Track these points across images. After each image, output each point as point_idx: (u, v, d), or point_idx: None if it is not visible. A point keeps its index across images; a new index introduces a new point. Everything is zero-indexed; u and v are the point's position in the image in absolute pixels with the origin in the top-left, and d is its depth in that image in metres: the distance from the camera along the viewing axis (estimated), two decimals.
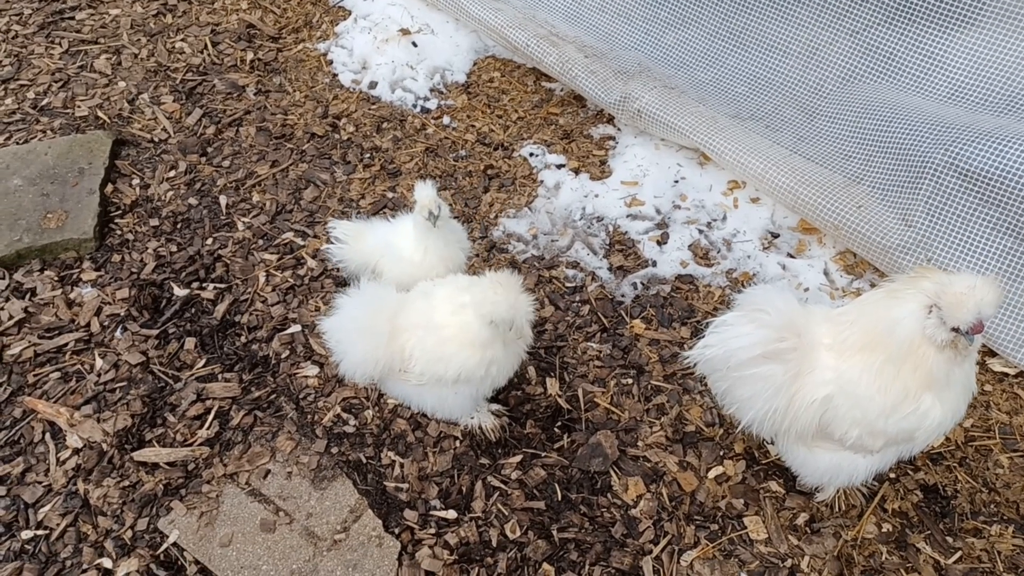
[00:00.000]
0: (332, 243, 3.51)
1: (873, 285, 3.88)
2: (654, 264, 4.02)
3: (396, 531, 3.15)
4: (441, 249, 3.32)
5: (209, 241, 4.18)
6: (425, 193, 3.18)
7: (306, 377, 3.61)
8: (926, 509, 3.20)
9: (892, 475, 3.28)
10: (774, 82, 4.58)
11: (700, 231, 4.14)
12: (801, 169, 4.02)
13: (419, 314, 3.02)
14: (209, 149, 4.66)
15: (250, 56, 5.26)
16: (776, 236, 4.10)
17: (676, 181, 4.36)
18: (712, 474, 3.31)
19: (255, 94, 5.01)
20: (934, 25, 4.06)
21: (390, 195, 4.39)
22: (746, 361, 2.69)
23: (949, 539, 3.12)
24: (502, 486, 3.29)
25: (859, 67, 4.34)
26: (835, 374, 2.64)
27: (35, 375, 3.60)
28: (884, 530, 3.14)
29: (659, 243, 4.09)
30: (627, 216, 4.22)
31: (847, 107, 4.29)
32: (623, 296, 3.93)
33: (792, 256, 4.01)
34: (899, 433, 2.62)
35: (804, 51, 4.52)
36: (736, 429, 3.23)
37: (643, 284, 3.96)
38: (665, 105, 4.35)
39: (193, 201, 4.36)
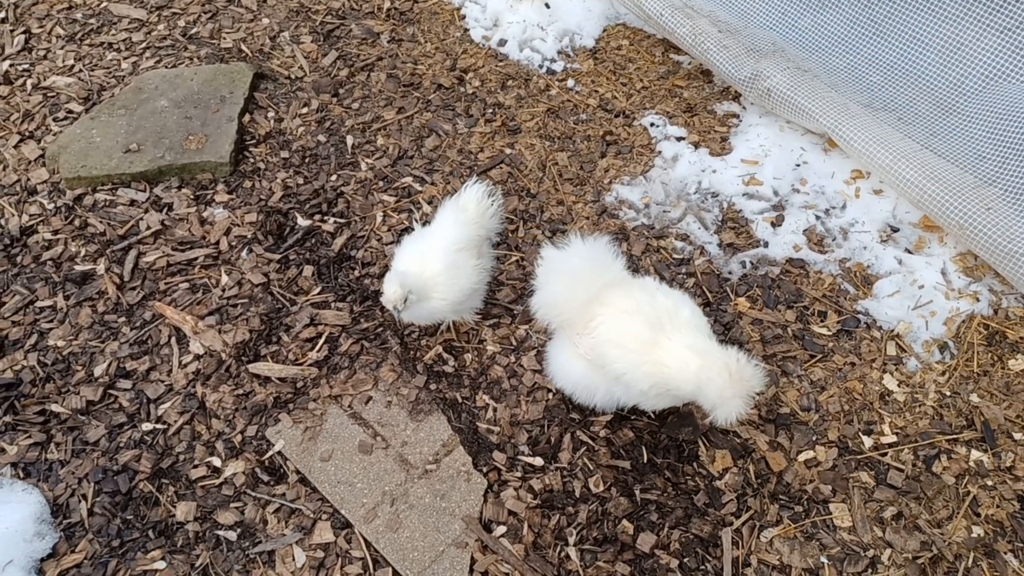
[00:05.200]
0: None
1: (991, 290, 3.76)
2: (766, 245, 3.99)
3: (484, 470, 3.27)
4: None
5: (334, 177, 4.36)
6: (392, 293, 3.19)
7: None
8: (1022, 520, 3.12)
9: (990, 482, 3.21)
10: (911, 74, 4.44)
11: (817, 217, 4.07)
12: (931, 165, 3.90)
13: (625, 301, 2.99)
14: (341, 91, 4.83)
15: (387, 4, 5.41)
16: (896, 230, 4.01)
17: (798, 165, 4.29)
18: (802, 457, 3.30)
19: (388, 42, 5.16)
20: None
21: (508, 151, 4.48)
22: None
23: None
24: (590, 441, 3.36)
25: (1006, 67, 4.16)
26: None
27: (166, 283, 3.86)
28: (974, 535, 3.08)
29: (773, 224, 4.05)
30: (743, 195, 4.19)
31: (987, 107, 4.13)
32: (730, 273, 3.92)
33: (910, 252, 3.91)
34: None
35: (947, 45, 4.36)
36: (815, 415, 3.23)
37: (752, 263, 3.94)
38: (796, 87, 4.27)
39: (322, 138, 4.55)
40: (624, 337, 2.94)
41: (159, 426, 3.41)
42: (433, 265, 3.31)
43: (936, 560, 3.04)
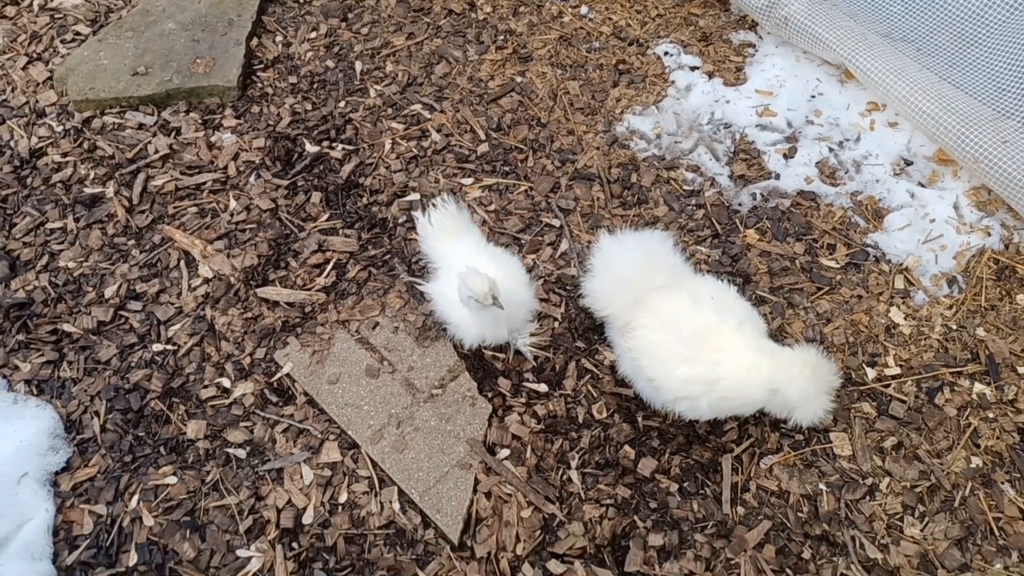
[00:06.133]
0: (425, 217, 3.23)
1: (1004, 225, 3.72)
2: (777, 177, 3.95)
3: (489, 395, 3.31)
4: (480, 325, 3.06)
5: (342, 104, 4.32)
6: (478, 286, 2.79)
7: (419, 243, 3.75)
8: (1021, 452, 3.14)
9: (991, 415, 3.23)
10: (932, 4, 4.31)
11: (830, 149, 4.02)
12: (948, 97, 3.83)
13: (674, 310, 2.93)
14: (350, 15, 4.75)
15: None
16: (909, 164, 3.95)
17: (813, 96, 4.22)
18: None
19: None
20: None
21: (519, 79, 4.41)
22: None
23: None
24: (594, 369, 3.39)
25: None
26: None
27: (175, 207, 3.87)
28: (973, 465, 3.11)
29: (785, 156, 4.00)
30: (756, 126, 4.13)
31: (1010, 38, 4.01)
32: (740, 205, 3.89)
33: (923, 185, 3.86)
34: None
35: None
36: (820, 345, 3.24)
37: (762, 195, 3.91)
38: (814, 15, 4.17)
39: (330, 64, 4.49)
40: (656, 348, 2.91)
41: (169, 347, 3.46)
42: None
43: (934, 489, 3.08)
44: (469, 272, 2.81)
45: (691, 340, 2.86)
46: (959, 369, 3.36)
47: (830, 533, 2.99)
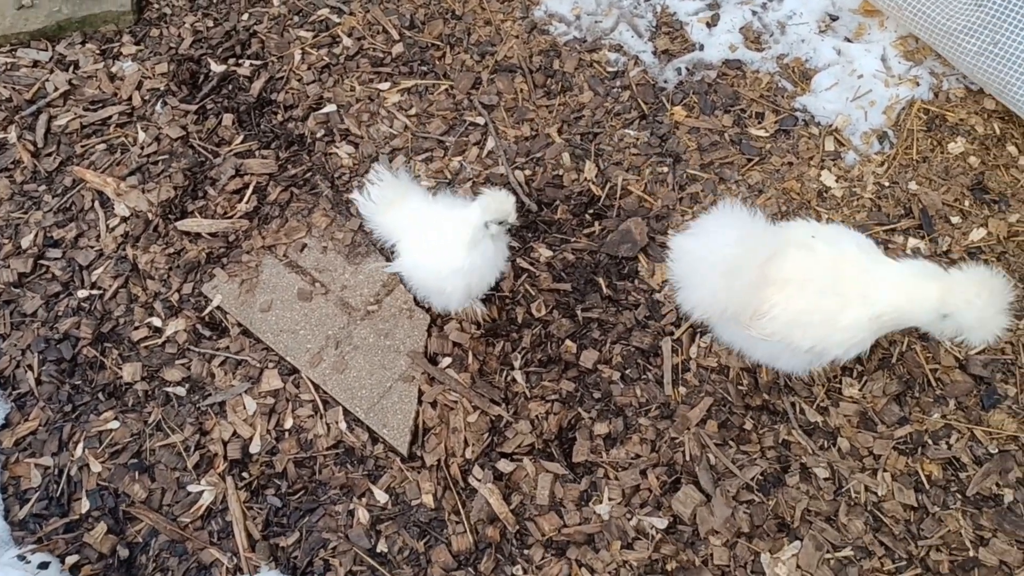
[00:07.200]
0: (363, 195, 2.97)
1: (932, 73, 3.65)
2: (701, 48, 3.82)
3: (426, 306, 3.27)
4: (480, 268, 2.85)
5: (245, 17, 4.10)
6: (505, 203, 2.68)
7: (341, 156, 3.64)
8: None
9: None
10: None
11: (753, 12, 3.88)
12: None
13: (796, 270, 2.64)
14: None
15: None
16: (835, 19, 3.83)
17: None
18: None
19: None
20: None
21: None
22: None
23: None
24: (530, 268, 3.35)
25: None
26: None
27: (82, 146, 3.70)
28: None
29: (708, 25, 3.86)
30: None
31: None
32: (666, 82, 3.78)
33: (849, 40, 3.76)
34: None
35: None
36: None
37: (688, 69, 3.79)
38: None
39: None
40: (804, 315, 2.62)
41: (94, 292, 3.37)
42: None
43: (871, 348, 3.11)
44: (489, 195, 2.68)
45: (832, 287, 2.61)
46: (893, 226, 3.35)
47: (770, 402, 3.04)
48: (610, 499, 2.89)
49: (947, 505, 2.83)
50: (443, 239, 2.80)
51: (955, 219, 3.36)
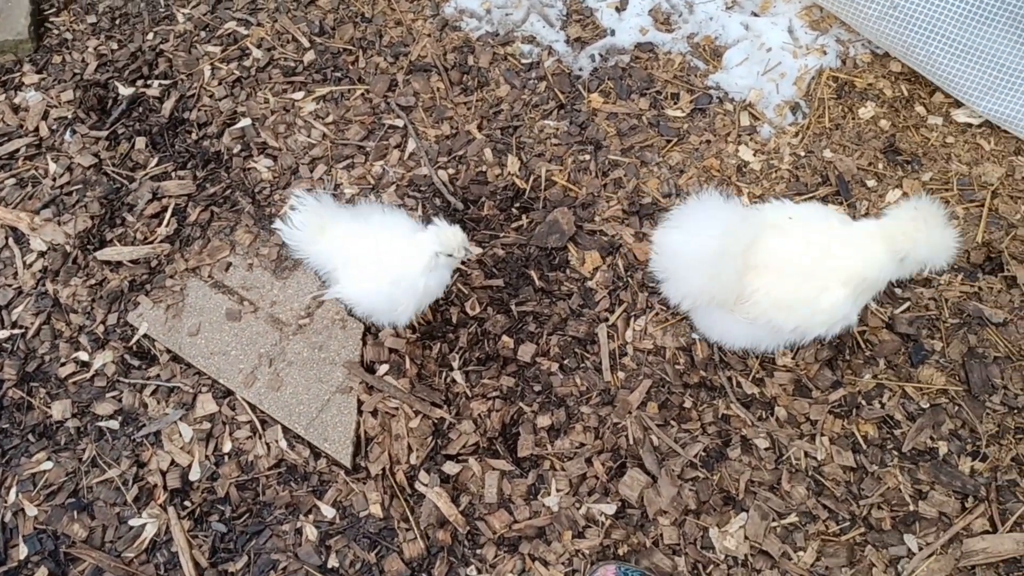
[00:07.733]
0: (286, 224, 2.81)
1: (839, 40, 3.72)
2: (612, 33, 3.84)
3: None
4: (433, 289, 2.84)
5: (150, 36, 4.00)
6: (453, 240, 2.69)
7: (260, 171, 3.58)
8: None
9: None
10: None
11: None
12: None
13: (777, 252, 2.65)
14: None
15: None
16: None
17: None
18: None
19: None
20: None
21: None
22: None
23: (898, 290, 3.19)
24: (462, 266, 3.33)
25: None
26: None
27: None
28: None
29: (618, 9, 3.88)
30: None
31: None
32: (580, 70, 3.79)
33: (756, 15, 3.81)
34: None
35: None
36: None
37: (601, 56, 3.81)
38: None
39: None
40: (787, 295, 2.63)
41: (16, 331, 3.27)
42: None
43: None
44: (438, 230, 2.67)
45: (812, 267, 2.63)
46: (811, 195, 3.41)
47: (707, 379, 3.07)
48: (558, 490, 2.91)
49: (885, 463, 2.90)
50: (388, 261, 2.73)
51: (871, 183, 3.43)
